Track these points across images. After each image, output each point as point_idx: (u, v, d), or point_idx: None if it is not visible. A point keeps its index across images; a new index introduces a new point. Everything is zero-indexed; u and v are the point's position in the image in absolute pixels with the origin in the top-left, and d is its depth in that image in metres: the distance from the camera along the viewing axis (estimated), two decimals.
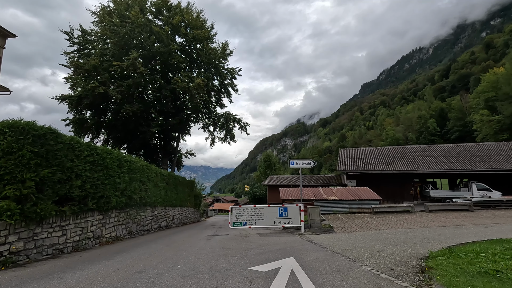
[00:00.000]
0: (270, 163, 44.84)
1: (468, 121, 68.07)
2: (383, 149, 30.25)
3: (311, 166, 13.44)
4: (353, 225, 12.20)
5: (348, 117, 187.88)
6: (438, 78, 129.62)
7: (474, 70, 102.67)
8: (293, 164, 13.34)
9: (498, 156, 23.60)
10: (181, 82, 17.99)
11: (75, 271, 4.80)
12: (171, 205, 18.47)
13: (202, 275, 4.38)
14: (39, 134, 6.24)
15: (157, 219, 15.24)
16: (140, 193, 12.17)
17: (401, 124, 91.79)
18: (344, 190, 18.22)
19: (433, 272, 3.65)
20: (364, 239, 8.08)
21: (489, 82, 64.94)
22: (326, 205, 16.24)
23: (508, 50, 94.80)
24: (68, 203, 7.19)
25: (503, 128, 55.73)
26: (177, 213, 20.28)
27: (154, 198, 14.11)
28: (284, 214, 11.63)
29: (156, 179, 14.72)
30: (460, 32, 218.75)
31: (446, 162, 23.99)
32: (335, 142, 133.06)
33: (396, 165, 25.04)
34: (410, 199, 25.31)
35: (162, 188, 16.12)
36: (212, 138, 27.61)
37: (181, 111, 21.46)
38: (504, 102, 57.61)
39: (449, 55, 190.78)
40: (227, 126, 25.18)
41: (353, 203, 16.13)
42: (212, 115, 25.37)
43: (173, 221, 18.84)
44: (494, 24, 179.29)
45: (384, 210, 14.84)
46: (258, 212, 11.55)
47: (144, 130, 19.43)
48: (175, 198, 19.23)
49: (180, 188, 20.98)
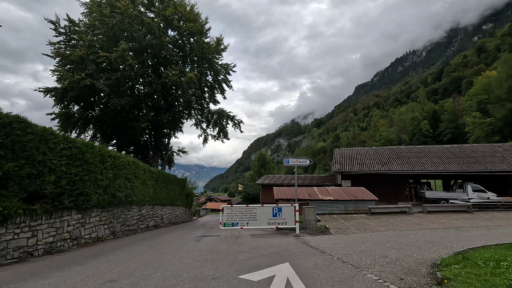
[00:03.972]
0: (264, 162, 44.26)
1: (461, 123, 68.81)
2: (378, 149, 30.00)
3: (307, 164, 12.90)
4: (349, 226, 11.73)
5: (342, 118, 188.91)
6: (431, 81, 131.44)
7: (466, 73, 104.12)
8: (288, 162, 12.77)
9: (493, 157, 23.55)
10: (173, 76, 17.22)
11: (37, 280, 4.13)
12: (161, 204, 17.75)
13: (183, 286, 3.76)
14: (4, 122, 5.52)
15: (144, 219, 14.53)
16: (125, 191, 11.46)
17: (395, 126, 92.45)
18: (339, 190, 17.78)
19: (453, 285, 3.12)
20: (363, 242, 7.57)
21: (482, 85, 65.73)
22: (321, 205, 15.76)
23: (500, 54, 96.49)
24: (40, 201, 6.46)
25: (495, 131, 56.44)
26: (167, 212, 19.56)
27: (141, 197, 13.39)
28: (278, 215, 11.08)
29: (144, 176, 14.00)
30: (453, 36, 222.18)
31: (441, 163, 23.83)
32: (329, 143, 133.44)
33: (391, 165, 24.77)
34: (405, 200, 25.07)
35: (151, 186, 15.41)
36: (205, 135, 26.89)
37: (173, 106, 20.65)
38: (496, 105, 58.34)
39: (442, 58, 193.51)
40: (220, 123, 24.49)
41: (349, 204, 15.70)
42: (205, 111, 24.63)
43: (162, 220, 18.12)
44: (486, 29, 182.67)
45: (381, 211, 14.44)
46: (250, 212, 10.98)
47: (133, 125, 18.60)
48: (165, 196, 18.51)
49: (171, 186, 20.25)
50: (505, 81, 57.57)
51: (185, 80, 17.05)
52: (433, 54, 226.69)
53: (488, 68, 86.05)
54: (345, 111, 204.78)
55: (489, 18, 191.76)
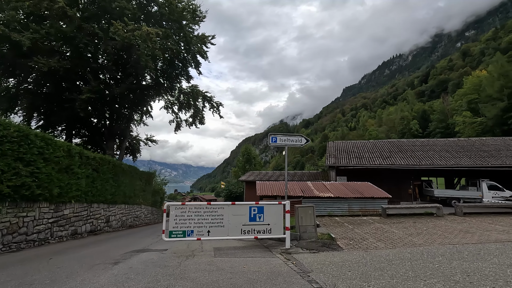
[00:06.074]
0: (249, 157, 39.94)
1: (450, 123, 67.62)
2: (377, 143, 26.64)
3: (302, 144, 8.97)
4: (364, 235, 7.88)
5: (330, 118, 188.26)
6: (418, 83, 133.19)
7: (452, 76, 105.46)
8: (275, 140, 8.76)
9: (508, 151, 20.61)
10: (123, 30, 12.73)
11: None
12: (106, 201, 13.34)
13: None
14: None
15: (69, 222, 10.13)
16: (16, 179, 7.13)
17: (384, 125, 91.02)
18: (340, 185, 14.00)
19: None
20: (408, 270, 3.66)
21: (472, 84, 64.77)
22: (318, 204, 11.89)
23: (484, 58, 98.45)
24: None
25: (485, 130, 55.15)
26: (119, 212, 15.13)
27: (58, 190, 9.00)
28: (258, 218, 7.04)
29: (67, 161, 9.61)
30: (438, 41, 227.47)
31: (451, 157, 20.63)
32: (317, 142, 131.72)
33: (394, 159, 21.35)
34: (408, 199, 21.74)
35: (84, 175, 11.03)
36: (178, 121, 22.45)
37: (129, 76, 16.04)
38: (487, 104, 57.18)
39: (427, 62, 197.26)
40: (194, 105, 20.13)
41: (353, 202, 11.94)
42: (175, 90, 20.18)
43: (108, 223, 13.67)
44: (468, 35, 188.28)
45: (399, 212, 10.75)
46: (214, 214, 6.87)
47: (72, 97, 14.00)
48: (114, 192, 14.10)
49: (126, 179, 15.83)
50: (496, 80, 56.51)
51: (139, 35, 12.64)
52: (418, 59, 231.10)
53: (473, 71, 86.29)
54: (333, 112, 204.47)
55: (471, 25, 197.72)
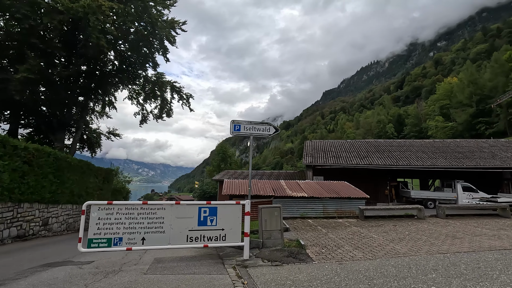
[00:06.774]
0: (225, 156, 38.25)
1: (424, 127, 70.13)
2: (355, 142, 26.12)
3: (270, 134, 7.59)
4: (339, 241, 6.65)
5: (310, 121, 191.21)
6: (394, 89, 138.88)
7: (425, 83, 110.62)
8: (238, 129, 7.29)
9: (482, 153, 20.72)
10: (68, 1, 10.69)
11: None
12: (42, 200, 11.20)
13: None
14: None
15: None
16: None
17: (361, 128, 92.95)
18: (315, 184, 12.89)
19: None
20: None
21: (444, 91, 67.61)
22: (290, 205, 10.65)
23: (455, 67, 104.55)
24: None
25: (456, 135, 57.54)
26: (62, 213, 12.95)
27: None
28: (209, 221, 5.55)
29: None
30: (412, 50, 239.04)
31: (428, 157, 20.36)
32: (297, 144, 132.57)
33: (371, 159, 20.75)
34: (385, 200, 21.26)
35: (8, 169, 9.00)
36: (143, 113, 20.38)
37: (81, 57, 13.89)
38: (457, 110, 59.82)
39: (402, 70, 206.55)
40: (161, 95, 18.23)
41: (329, 203, 10.82)
42: (141, 80, 18.17)
43: (46, 226, 11.52)
44: (440, 46, 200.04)
45: (378, 214, 9.74)
46: (151, 217, 5.29)
47: (6, 77, 11.70)
48: (56, 190, 11.97)
49: (74, 176, 13.67)
50: (466, 87, 59.20)
51: (86, 4, 10.68)
52: (394, 66, 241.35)
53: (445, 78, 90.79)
54: (312, 114, 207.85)
55: (443, 36, 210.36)
